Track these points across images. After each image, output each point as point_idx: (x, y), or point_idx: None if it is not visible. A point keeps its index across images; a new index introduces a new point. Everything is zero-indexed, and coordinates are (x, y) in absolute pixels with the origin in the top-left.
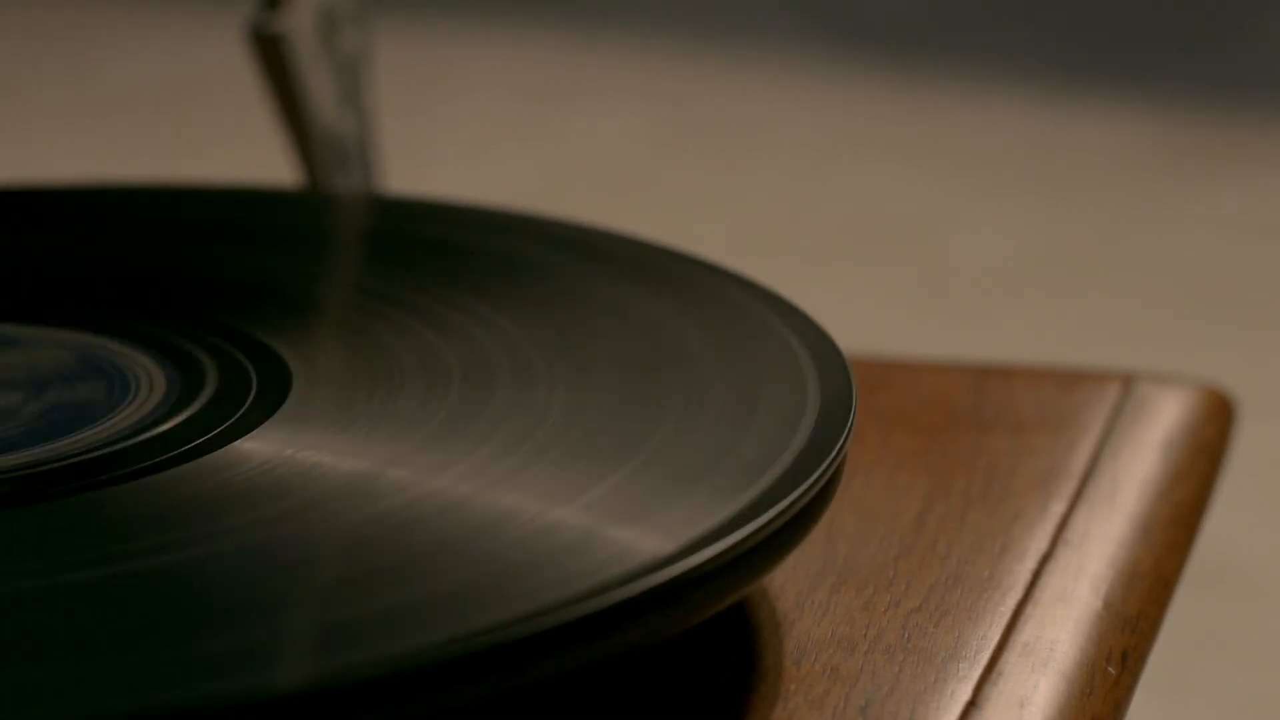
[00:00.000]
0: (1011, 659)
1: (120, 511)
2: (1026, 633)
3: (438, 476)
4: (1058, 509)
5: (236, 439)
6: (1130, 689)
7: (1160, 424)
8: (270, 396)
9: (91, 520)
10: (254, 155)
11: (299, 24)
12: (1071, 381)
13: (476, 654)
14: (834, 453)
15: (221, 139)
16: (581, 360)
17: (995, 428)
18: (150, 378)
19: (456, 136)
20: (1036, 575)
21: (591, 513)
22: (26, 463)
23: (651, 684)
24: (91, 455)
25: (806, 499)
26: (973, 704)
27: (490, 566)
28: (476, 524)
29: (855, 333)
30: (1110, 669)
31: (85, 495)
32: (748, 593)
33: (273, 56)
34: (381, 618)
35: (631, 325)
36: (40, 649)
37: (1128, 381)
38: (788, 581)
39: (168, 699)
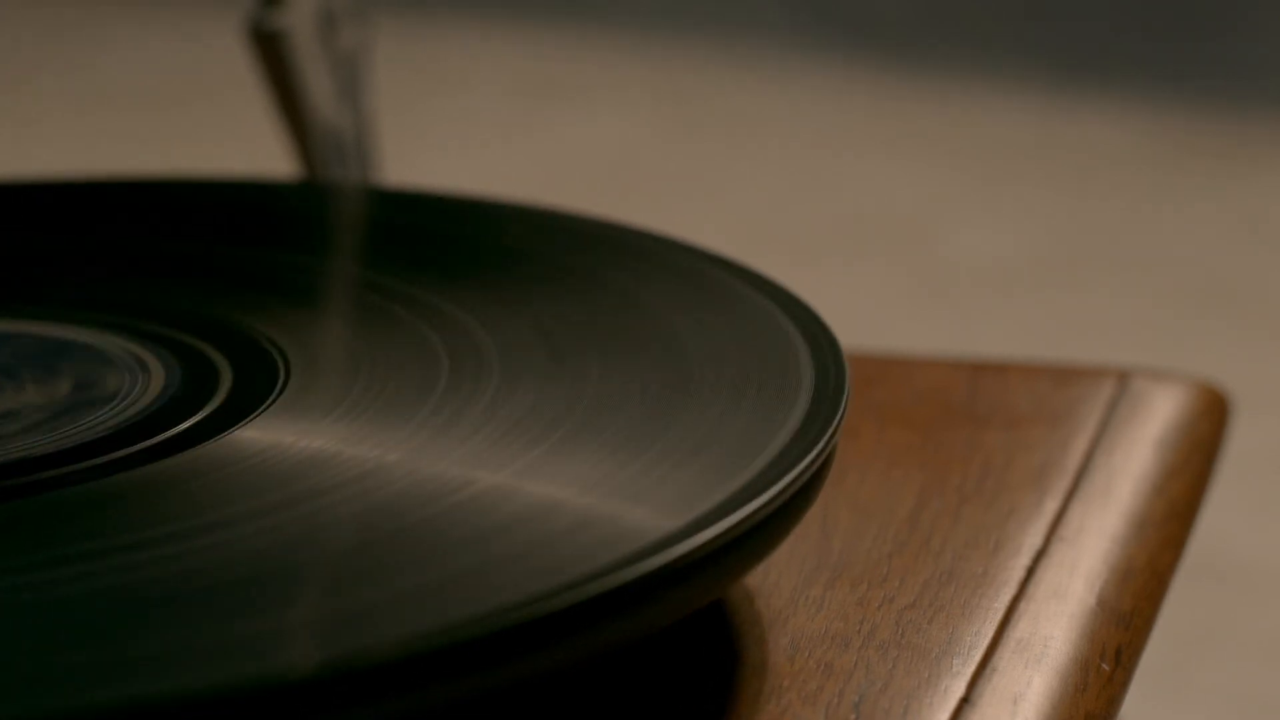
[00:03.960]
0: (1005, 655)
1: (127, 501)
2: (1020, 629)
3: (436, 463)
4: (1052, 505)
5: (238, 427)
6: (1124, 685)
7: (1155, 420)
8: (267, 385)
9: (95, 510)
10: (253, 151)
11: (298, 21)
12: (1067, 377)
13: (485, 637)
14: (835, 422)
15: (220, 134)
16: (576, 347)
17: (990, 423)
18: (149, 369)
19: (454, 132)
20: (1031, 571)
21: (591, 495)
22: (27, 455)
23: (645, 680)
24: (93, 446)
25: (806, 478)
26: (966, 700)
27: (492, 550)
28: (478, 509)
29: (851, 328)
30: (1104, 665)
31: (89, 485)
32: (744, 576)
33: (272, 53)
34: (388, 604)
35: (628, 312)
36: (51, 639)
37: (1123, 377)
38: (782, 577)
39: (176, 687)
